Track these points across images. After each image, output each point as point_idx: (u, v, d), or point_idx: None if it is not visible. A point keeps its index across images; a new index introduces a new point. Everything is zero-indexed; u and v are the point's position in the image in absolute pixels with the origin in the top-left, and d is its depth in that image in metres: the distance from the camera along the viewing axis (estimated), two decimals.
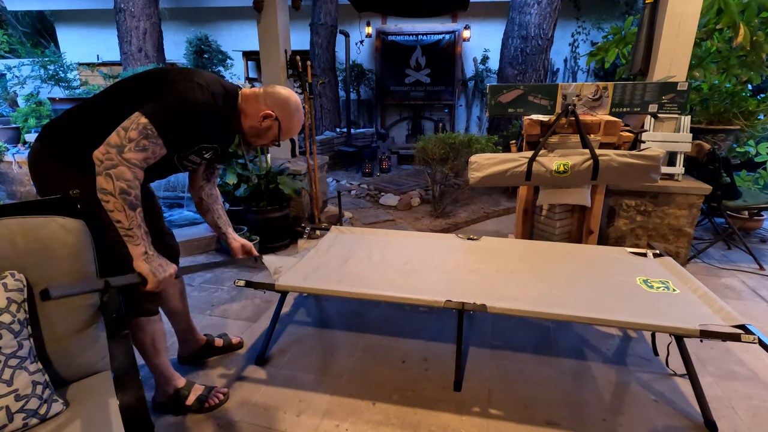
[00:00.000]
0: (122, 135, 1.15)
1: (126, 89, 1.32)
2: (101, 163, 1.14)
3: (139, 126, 1.16)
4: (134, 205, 1.18)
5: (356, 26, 7.67)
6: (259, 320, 2.32)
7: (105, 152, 1.14)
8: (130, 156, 1.16)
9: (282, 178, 3.12)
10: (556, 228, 2.79)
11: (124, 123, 1.17)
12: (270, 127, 1.45)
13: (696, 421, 1.60)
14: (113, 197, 1.15)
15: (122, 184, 1.15)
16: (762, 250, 3.29)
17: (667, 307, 1.66)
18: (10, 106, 6.35)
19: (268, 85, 1.46)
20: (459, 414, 1.64)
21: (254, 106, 1.43)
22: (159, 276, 1.25)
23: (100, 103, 1.33)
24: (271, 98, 1.43)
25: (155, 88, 1.25)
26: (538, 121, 2.40)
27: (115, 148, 1.14)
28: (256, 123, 1.43)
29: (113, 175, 1.14)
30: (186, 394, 1.64)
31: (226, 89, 1.37)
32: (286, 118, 1.45)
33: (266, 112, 1.41)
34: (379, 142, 7.27)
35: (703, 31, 3.29)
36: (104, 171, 1.14)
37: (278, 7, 3.28)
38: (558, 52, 7.27)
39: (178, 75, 1.28)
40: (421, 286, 1.83)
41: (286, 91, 1.45)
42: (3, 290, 1.04)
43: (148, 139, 1.18)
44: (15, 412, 1.01)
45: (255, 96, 1.43)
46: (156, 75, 1.30)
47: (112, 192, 1.14)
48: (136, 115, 1.17)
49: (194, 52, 5.33)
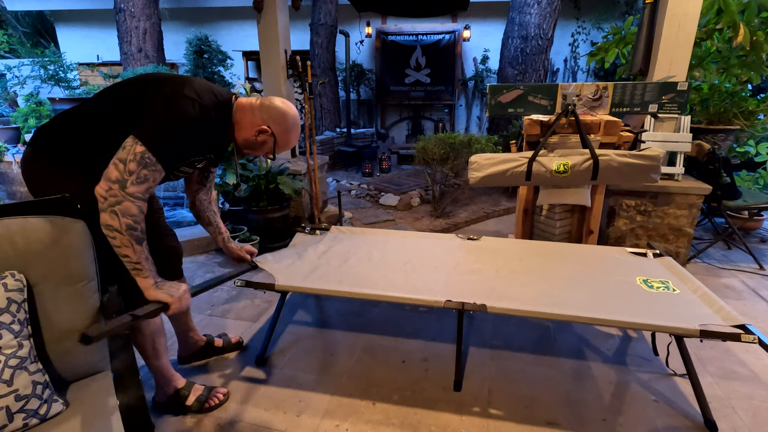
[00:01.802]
0: (122, 169, 1.13)
1: (116, 97, 1.28)
2: (105, 200, 1.13)
3: (137, 156, 1.14)
4: (141, 239, 1.19)
5: (356, 26, 7.67)
6: (259, 320, 2.32)
7: (107, 188, 1.13)
8: (133, 190, 1.14)
9: (282, 178, 3.12)
10: (556, 228, 2.79)
11: (121, 154, 1.14)
12: (265, 141, 1.40)
13: (696, 421, 1.60)
14: (120, 234, 1.14)
15: (128, 220, 1.15)
16: (762, 250, 3.29)
17: (667, 307, 1.66)
18: (10, 106, 6.35)
19: (264, 97, 1.41)
20: (459, 414, 1.64)
21: (249, 119, 1.38)
22: (176, 295, 1.27)
23: (90, 110, 1.30)
24: (267, 112, 1.38)
25: (145, 101, 1.22)
26: (538, 121, 2.40)
27: (117, 184, 1.13)
28: (251, 136, 1.39)
29: (118, 212, 1.13)
30: (186, 395, 1.64)
31: (218, 98, 1.32)
32: (282, 133, 1.41)
33: (261, 127, 1.37)
34: (379, 142, 7.27)
35: (703, 31, 3.28)
36: (109, 208, 1.13)
37: (278, 7, 3.28)
38: (558, 52, 7.27)
39: (167, 87, 1.23)
40: (421, 286, 1.83)
41: (283, 104, 1.40)
42: (3, 290, 1.04)
43: (148, 168, 1.16)
44: (15, 412, 1.01)
45: (251, 108, 1.38)
46: (145, 86, 1.26)
47: (119, 229, 1.14)
48: (132, 141, 1.15)
49: (194, 52, 5.32)
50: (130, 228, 1.15)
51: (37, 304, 1.14)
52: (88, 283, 1.23)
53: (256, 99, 1.41)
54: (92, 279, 1.25)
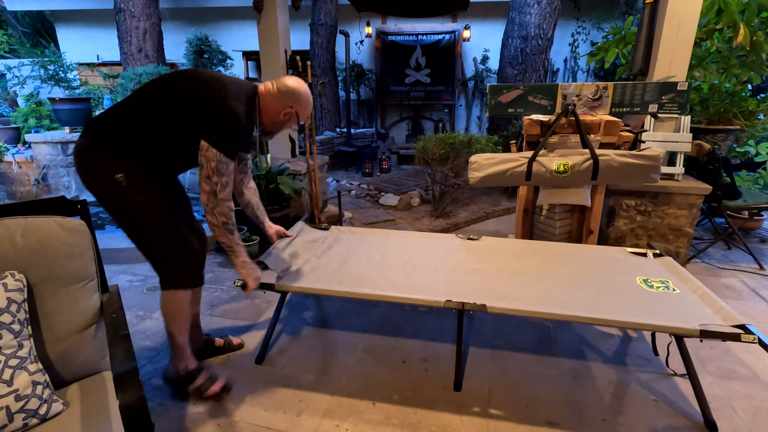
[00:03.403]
0: (209, 183, 1.44)
1: (166, 96, 1.48)
2: (207, 206, 1.48)
3: (213, 164, 1.42)
4: (232, 230, 1.56)
5: (356, 26, 7.67)
6: (259, 320, 2.32)
7: (207, 200, 1.46)
8: (223, 195, 1.48)
9: (282, 178, 3.12)
10: (556, 228, 2.79)
11: (204, 170, 1.43)
12: (289, 118, 1.67)
13: (696, 421, 1.60)
14: (218, 228, 1.52)
15: (222, 218, 1.50)
16: (762, 250, 3.29)
17: (667, 306, 1.66)
18: (10, 106, 6.35)
19: (277, 80, 1.62)
20: (459, 414, 1.64)
21: (273, 105, 1.62)
22: (254, 275, 1.67)
23: (140, 105, 1.49)
24: (287, 96, 1.61)
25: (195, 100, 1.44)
26: (538, 121, 2.40)
27: (212, 194, 1.45)
28: (277, 118, 1.65)
29: (216, 213, 1.49)
30: (193, 379, 1.69)
31: (247, 94, 1.55)
32: (302, 108, 1.67)
33: (287, 110, 1.63)
34: (379, 142, 7.27)
35: (703, 31, 3.28)
36: (210, 211, 1.49)
37: (278, 7, 3.28)
38: (558, 52, 7.27)
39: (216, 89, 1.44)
40: (421, 286, 1.83)
41: (296, 83, 1.63)
42: (3, 290, 1.04)
43: (225, 170, 1.45)
44: (15, 412, 1.01)
45: (271, 95, 1.61)
46: (192, 85, 1.47)
47: (218, 225, 1.51)
48: (205, 154, 1.42)
49: (194, 52, 5.32)
50: (225, 223, 1.52)
51: (37, 304, 1.14)
52: (88, 283, 1.23)
53: (272, 84, 1.62)
54: (92, 279, 1.25)
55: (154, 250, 1.56)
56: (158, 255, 1.57)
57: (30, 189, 4.70)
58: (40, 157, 4.66)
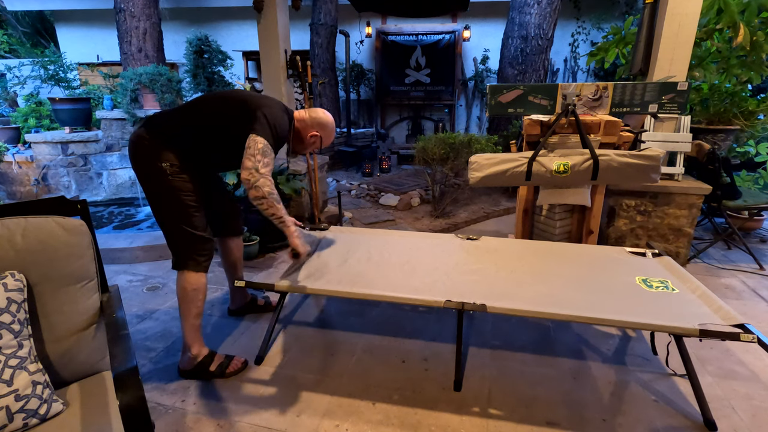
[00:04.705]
0: (253, 160, 1.60)
1: (217, 106, 1.77)
2: (248, 182, 1.60)
3: (260, 147, 1.61)
4: (278, 200, 1.69)
5: (356, 26, 7.67)
6: (259, 320, 2.32)
7: (248, 174, 1.60)
8: (264, 171, 1.62)
9: (282, 178, 3.12)
10: (556, 228, 2.79)
11: (250, 150, 1.61)
12: (314, 142, 1.94)
13: (696, 421, 1.60)
14: (265, 199, 1.64)
15: (267, 188, 1.63)
16: (762, 250, 3.29)
17: (667, 306, 1.66)
18: (10, 106, 6.35)
19: (311, 109, 1.93)
20: (459, 414, 1.64)
21: (304, 128, 1.91)
22: (304, 248, 1.83)
23: (196, 112, 1.76)
24: (316, 123, 1.91)
25: (249, 112, 1.69)
26: (538, 121, 2.39)
27: (253, 170, 1.59)
28: (305, 139, 1.92)
29: (259, 185, 1.61)
30: (209, 362, 1.83)
31: (287, 114, 1.83)
32: (326, 135, 1.95)
33: (314, 133, 1.91)
34: (379, 142, 7.27)
35: (703, 31, 3.28)
36: (252, 186, 1.61)
37: (278, 7, 3.28)
38: (558, 52, 7.27)
39: (266, 102, 1.74)
40: (420, 286, 1.83)
41: (325, 115, 1.93)
42: (3, 290, 1.04)
43: (268, 156, 1.64)
44: (15, 412, 1.01)
45: (304, 119, 1.91)
46: (244, 102, 1.73)
47: (264, 195, 1.63)
48: (253, 138, 1.62)
49: (194, 52, 5.31)
50: (270, 193, 1.64)
51: (37, 304, 1.14)
52: (88, 283, 1.23)
53: (305, 112, 1.92)
54: (92, 279, 1.25)
55: (168, 232, 1.75)
56: (171, 237, 1.76)
57: (30, 189, 4.70)
58: (40, 157, 4.66)
